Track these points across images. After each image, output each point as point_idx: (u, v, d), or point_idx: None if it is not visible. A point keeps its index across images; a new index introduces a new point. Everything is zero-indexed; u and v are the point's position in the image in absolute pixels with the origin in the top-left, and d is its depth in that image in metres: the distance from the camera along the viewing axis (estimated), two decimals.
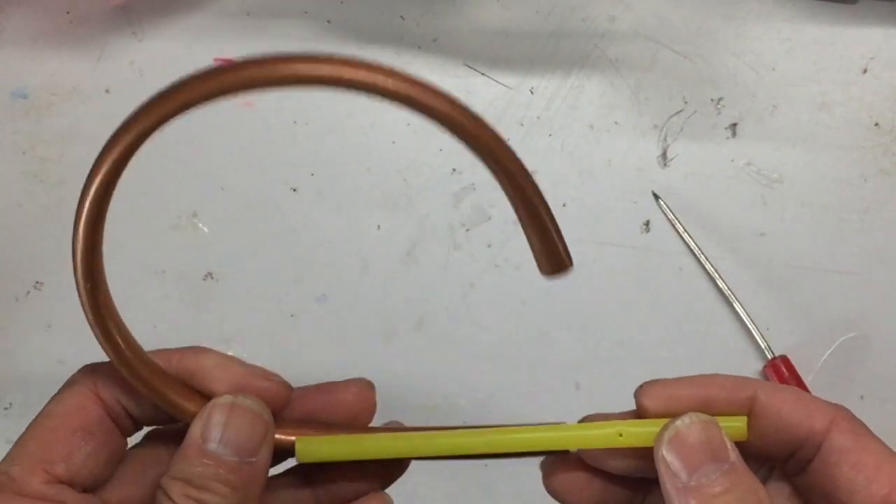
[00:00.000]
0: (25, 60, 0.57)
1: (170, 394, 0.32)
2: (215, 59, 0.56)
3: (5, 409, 0.55)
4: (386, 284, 0.55)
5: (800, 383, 0.51)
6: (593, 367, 0.54)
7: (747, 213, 0.54)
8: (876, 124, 0.54)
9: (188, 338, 0.54)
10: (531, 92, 0.55)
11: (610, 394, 0.53)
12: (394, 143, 0.55)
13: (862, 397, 0.52)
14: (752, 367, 0.53)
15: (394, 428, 0.34)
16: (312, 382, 0.35)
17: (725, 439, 0.29)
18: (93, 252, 0.31)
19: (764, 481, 0.32)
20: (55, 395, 0.32)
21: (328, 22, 0.56)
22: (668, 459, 0.29)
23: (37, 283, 0.55)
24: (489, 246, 0.55)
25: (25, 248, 0.55)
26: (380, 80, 0.28)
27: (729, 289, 0.53)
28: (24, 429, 0.32)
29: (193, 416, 0.31)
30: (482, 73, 0.56)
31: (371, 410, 0.34)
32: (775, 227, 0.54)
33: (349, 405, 0.34)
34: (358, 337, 0.54)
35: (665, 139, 0.55)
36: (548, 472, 0.33)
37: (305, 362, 0.55)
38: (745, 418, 0.30)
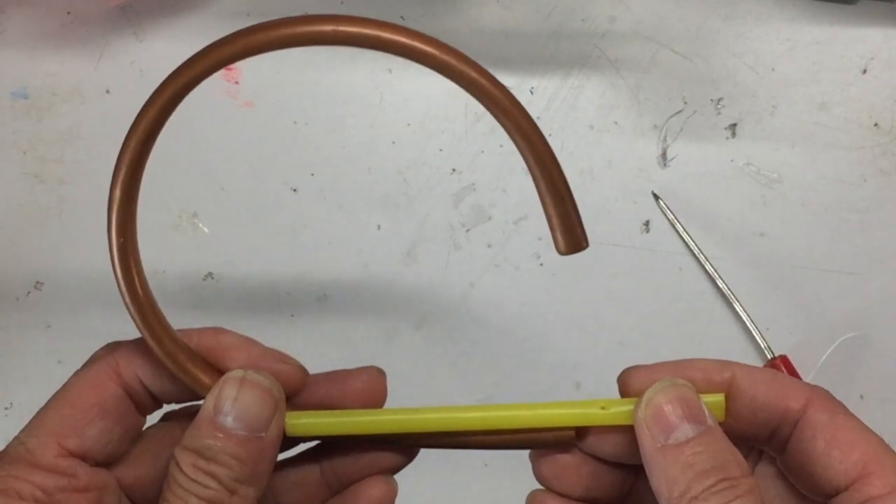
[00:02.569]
0: (26, 60, 0.57)
1: (191, 368, 0.32)
2: None
3: (6, 409, 0.55)
4: (386, 284, 0.55)
5: None
6: (593, 367, 0.54)
7: (747, 213, 0.54)
8: (875, 124, 0.54)
9: None
10: (531, 92, 0.55)
11: (610, 394, 0.53)
12: (394, 143, 0.55)
13: (862, 397, 0.52)
14: None
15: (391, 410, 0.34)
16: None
17: (701, 403, 0.30)
18: (129, 204, 0.31)
19: (752, 466, 0.33)
20: (78, 371, 0.33)
21: None
22: (647, 422, 0.30)
23: (37, 283, 0.55)
24: (489, 246, 0.55)
25: (25, 248, 0.55)
26: (418, 43, 0.29)
27: (729, 289, 0.53)
28: None
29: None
30: None
31: (382, 397, 0.35)
32: (775, 227, 0.54)
33: (360, 392, 0.34)
34: (358, 337, 0.54)
35: (665, 139, 0.55)
36: (537, 459, 0.34)
37: (305, 362, 0.55)
38: (722, 395, 0.31)
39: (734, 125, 0.55)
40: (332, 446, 0.35)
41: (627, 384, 0.32)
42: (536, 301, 0.54)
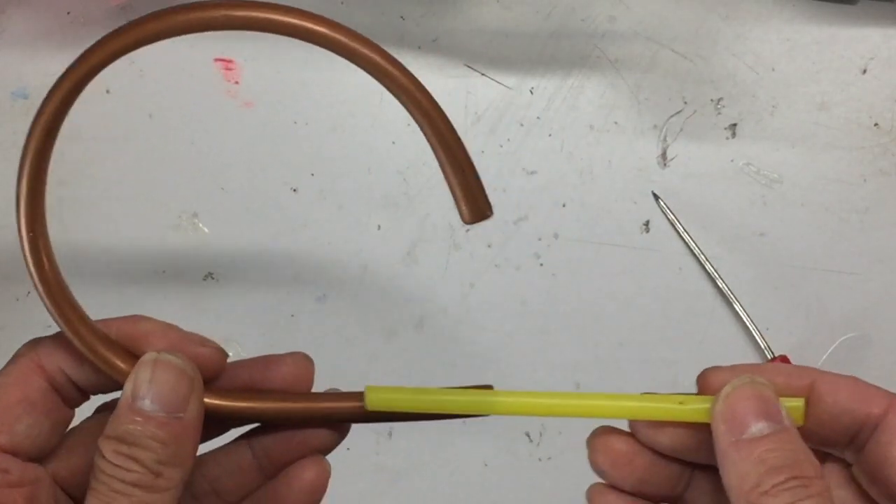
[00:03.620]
0: (26, 60, 0.57)
1: (110, 357, 0.32)
2: (216, 60, 0.56)
3: None
4: (386, 284, 0.55)
5: None
6: (593, 367, 0.54)
7: (747, 213, 0.54)
8: (875, 124, 0.54)
9: None
10: (531, 92, 0.55)
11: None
12: (394, 143, 0.55)
13: None
14: None
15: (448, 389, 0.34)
16: (314, 383, 0.35)
17: (779, 403, 0.30)
18: (36, 199, 0.32)
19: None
20: (0, 369, 0.33)
21: None
22: (723, 417, 0.30)
23: None
24: (489, 246, 0.55)
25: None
26: (310, 24, 0.30)
27: (729, 289, 0.53)
28: None
29: None
30: (482, 73, 0.56)
31: (308, 384, 0.35)
32: (775, 227, 0.54)
33: (286, 377, 0.34)
34: (358, 337, 0.54)
35: (665, 139, 0.55)
36: (593, 447, 0.34)
37: None
38: (803, 399, 0.31)
39: (734, 125, 0.55)
40: (263, 429, 0.35)
41: (707, 383, 0.32)
42: (536, 301, 0.54)
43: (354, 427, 0.34)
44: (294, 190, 0.55)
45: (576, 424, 0.55)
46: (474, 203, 0.32)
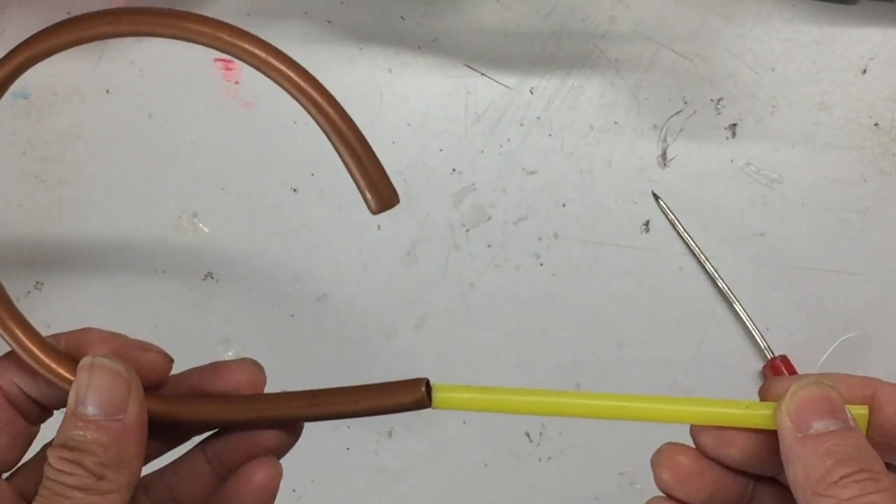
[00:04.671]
0: None
1: (58, 369, 0.33)
2: (215, 60, 0.56)
3: None
4: (386, 284, 0.55)
5: None
6: (593, 367, 0.54)
7: (747, 213, 0.54)
8: (875, 124, 0.54)
9: (188, 338, 0.54)
10: (531, 92, 0.55)
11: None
12: (394, 143, 0.55)
13: None
14: (751, 367, 0.53)
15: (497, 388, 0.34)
16: (313, 383, 0.35)
17: (844, 404, 0.30)
18: None
19: None
20: None
21: (328, 22, 0.56)
22: (790, 414, 0.30)
23: (37, 283, 0.55)
24: (489, 246, 0.55)
25: (25, 248, 0.55)
26: (193, 24, 0.31)
27: (729, 289, 0.53)
28: None
29: None
30: (482, 73, 0.56)
31: (259, 391, 0.35)
32: (775, 227, 0.54)
33: (237, 384, 0.34)
34: (358, 337, 0.54)
35: (665, 139, 0.55)
36: (660, 464, 0.33)
37: (305, 362, 0.55)
38: (866, 407, 0.31)
39: (734, 125, 0.55)
40: (216, 434, 0.35)
41: (770, 390, 0.32)
42: (536, 301, 0.54)
43: (354, 427, 0.34)
44: (294, 190, 0.55)
45: (575, 425, 0.55)
46: (377, 192, 0.31)
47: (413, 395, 0.32)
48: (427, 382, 0.32)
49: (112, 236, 0.55)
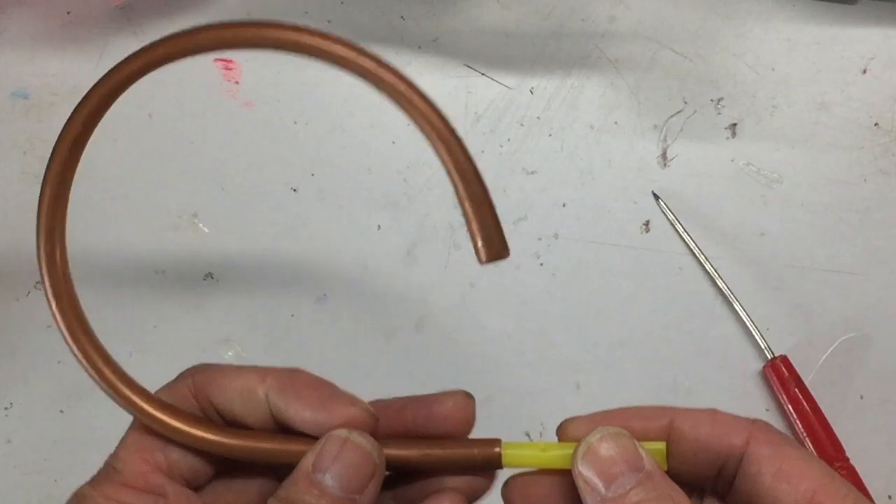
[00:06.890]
0: (26, 60, 0.57)
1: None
2: (216, 60, 0.56)
3: (6, 409, 0.54)
4: (386, 284, 0.55)
5: (799, 383, 0.51)
6: (593, 367, 0.54)
7: (747, 213, 0.54)
8: (876, 124, 0.54)
9: (188, 338, 0.54)
10: (531, 92, 0.55)
11: (610, 394, 0.53)
12: (394, 143, 0.55)
13: (862, 397, 0.52)
14: (752, 367, 0.53)
15: None
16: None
17: (638, 448, 0.30)
18: (57, 208, 0.31)
19: None
20: (157, 391, 0.33)
21: (328, 22, 0.56)
22: (585, 475, 0.30)
23: (37, 283, 0.55)
24: None
25: (25, 248, 0.55)
26: (338, 49, 0.31)
27: (729, 289, 0.53)
28: (24, 428, 0.32)
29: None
30: (482, 73, 0.56)
31: (470, 424, 0.34)
32: (775, 227, 0.54)
33: (445, 419, 0.34)
34: (358, 337, 0.54)
35: (665, 139, 0.55)
36: (509, 485, 0.33)
37: (305, 362, 0.55)
38: (664, 443, 0.31)
39: (734, 125, 0.55)
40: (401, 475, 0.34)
41: (566, 434, 0.32)
42: (536, 301, 0.54)
43: None
44: (294, 190, 0.55)
45: None
46: (490, 243, 0.31)
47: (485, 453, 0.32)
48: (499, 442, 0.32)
49: (112, 236, 0.55)
